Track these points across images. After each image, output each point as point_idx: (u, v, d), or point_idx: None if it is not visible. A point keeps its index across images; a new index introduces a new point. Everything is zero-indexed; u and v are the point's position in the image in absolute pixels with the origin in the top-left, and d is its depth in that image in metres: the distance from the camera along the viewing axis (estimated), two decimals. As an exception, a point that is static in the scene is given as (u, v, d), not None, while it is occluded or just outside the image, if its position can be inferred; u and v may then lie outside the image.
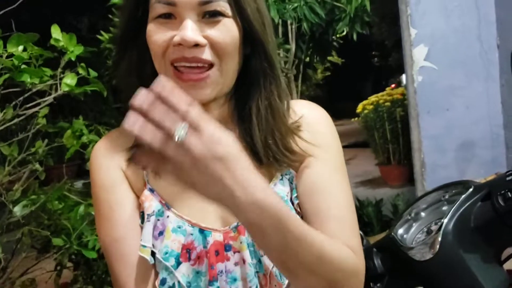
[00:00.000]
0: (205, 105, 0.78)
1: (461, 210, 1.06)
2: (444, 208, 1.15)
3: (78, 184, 2.86)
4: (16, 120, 1.85)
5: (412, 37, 2.82)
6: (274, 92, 0.80)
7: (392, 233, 1.19)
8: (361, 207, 3.73)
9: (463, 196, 1.07)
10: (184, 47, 0.72)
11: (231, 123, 0.83)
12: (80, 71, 1.72)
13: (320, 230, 0.74)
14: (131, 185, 0.84)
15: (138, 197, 0.84)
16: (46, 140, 1.86)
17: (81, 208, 2.08)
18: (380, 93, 6.44)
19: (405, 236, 1.18)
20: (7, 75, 1.41)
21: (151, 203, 0.81)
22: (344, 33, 2.84)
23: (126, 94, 0.77)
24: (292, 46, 2.24)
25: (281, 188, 0.83)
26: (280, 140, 0.80)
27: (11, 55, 1.54)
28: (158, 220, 0.80)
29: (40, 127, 2.00)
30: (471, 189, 1.08)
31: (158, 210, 0.81)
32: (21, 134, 2.04)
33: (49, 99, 1.67)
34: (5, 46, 1.45)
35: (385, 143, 6.30)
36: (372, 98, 6.38)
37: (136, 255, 0.79)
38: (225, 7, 0.73)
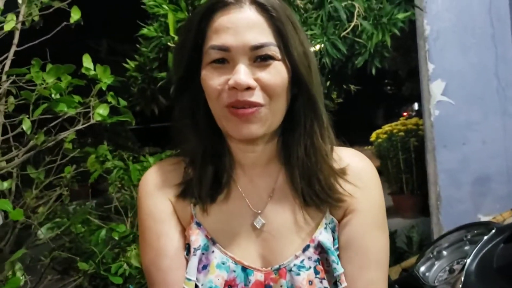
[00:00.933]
0: (253, 141, 0.83)
1: (483, 251, 1.09)
2: (466, 248, 1.18)
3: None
4: (45, 145, 1.92)
5: (430, 72, 2.88)
6: (316, 131, 0.84)
7: (415, 271, 1.21)
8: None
9: (485, 237, 1.11)
10: (237, 90, 0.77)
11: (278, 163, 0.87)
12: (110, 99, 1.78)
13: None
14: (178, 217, 0.88)
15: (184, 229, 0.88)
16: (74, 166, 1.91)
17: (103, 232, 2.12)
18: (394, 123, 6.47)
19: (427, 274, 1.21)
20: (45, 105, 1.47)
21: (198, 237, 0.85)
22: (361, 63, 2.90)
23: (181, 133, 0.83)
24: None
25: (326, 236, 0.85)
26: (323, 179, 0.83)
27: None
28: (203, 254, 0.85)
29: (67, 152, 2.07)
30: (493, 231, 1.11)
31: (204, 244, 0.85)
32: (48, 157, 2.10)
33: (79, 127, 1.73)
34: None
35: (398, 173, 6.30)
36: (386, 127, 6.42)
37: (180, 286, 0.83)
38: (275, 51, 0.78)
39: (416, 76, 2.97)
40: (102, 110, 1.57)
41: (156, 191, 0.88)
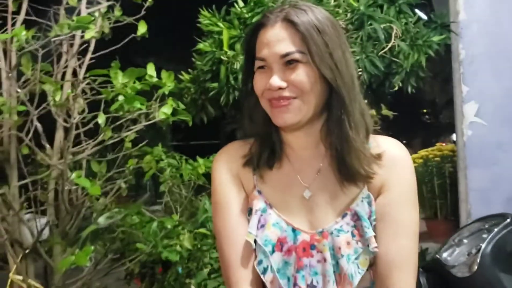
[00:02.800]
0: (294, 128, 1.03)
1: (498, 236, 1.24)
2: (484, 235, 1.33)
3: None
4: (110, 141, 2.16)
5: (464, 94, 3.02)
6: (344, 121, 1.01)
7: (437, 255, 1.37)
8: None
9: (501, 225, 1.26)
10: (272, 90, 0.99)
11: (323, 147, 1.06)
12: (171, 102, 2.02)
13: (382, 255, 0.99)
14: (243, 185, 1.10)
15: (247, 195, 1.09)
16: (136, 159, 2.14)
17: (154, 224, 2.34)
18: (430, 148, 6.54)
19: (448, 258, 1.37)
20: (122, 101, 1.71)
21: (258, 202, 1.06)
22: (396, 88, 3.07)
23: (247, 122, 1.08)
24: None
25: (362, 207, 1.03)
26: (355, 162, 1.01)
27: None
28: (262, 215, 1.05)
29: (127, 150, 2.31)
30: (508, 220, 1.27)
31: (263, 207, 1.06)
32: (110, 154, 2.35)
33: (144, 124, 1.97)
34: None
35: (433, 198, 6.33)
36: (422, 152, 6.48)
37: (243, 239, 1.03)
38: (300, 57, 0.98)
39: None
40: (167, 110, 1.80)
41: (227, 164, 1.11)
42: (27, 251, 1.81)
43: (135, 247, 2.34)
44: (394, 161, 1.04)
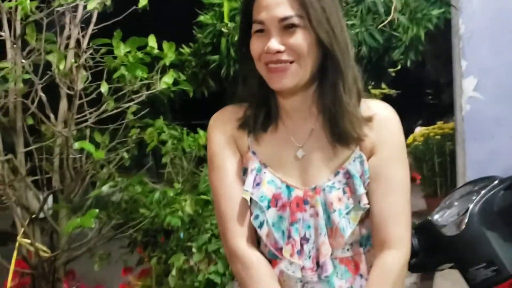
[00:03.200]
0: (290, 91, 1.07)
1: (486, 196, 1.29)
2: (473, 197, 1.38)
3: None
4: (113, 112, 2.21)
5: (463, 68, 3.04)
6: (339, 85, 1.05)
7: (429, 217, 1.42)
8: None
9: (489, 186, 1.31)
10: (270, 54, 1.02)
11: (316, 109, 1.10)
12: (172, 74, 2.06)
13: (376, 211, 1.05)
14: (238, 147, 1.14)
15: (242, 156, 1.13)
16: (138, 129, 2.19)
17: (157, 194, 2.39)
18: (431, 126, 6.58)
19: (439, 219, 1.41)
20: (123, 69, 1.75)
21: (253, 162, 1.11)
22: (399, 67, 3.09)
23: (242, 86, 1.12)
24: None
25: (354, 166, 1.07)
26: (347, 124, 1.05)
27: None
28: (257, 174, 1.10)
29: (129, 121, 2.36)
30: (496, 181, 1.31)
31: (257, 167, 1.10)
32: (112, 125, 2.39)
33: (146, 93, 2.01)
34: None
35: (433, 176, 6.39)
36: (423, 130, 6.53)
37: (239, 196, 1.08)
38: (299, 21, 1.01)
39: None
40: (168, 79, 1.84)
41: (222, 126, 1.14)
42: (33, 216, 1.88)
43: (138, 215, 2.40)
44: (384, 122, 1.09)
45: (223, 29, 2.49)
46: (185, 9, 2.97)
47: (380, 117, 1.09)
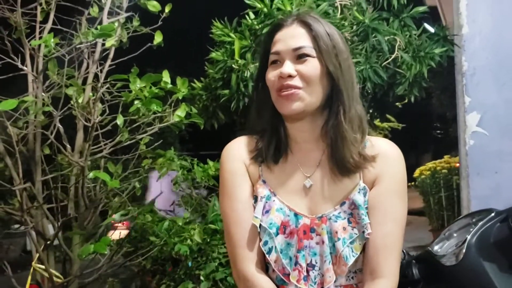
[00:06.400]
0: (301, 119, 1.15)
1: (483, 228, 1.35)
2: (471, 229, 1.44)
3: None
4: (126, 143, 2.30)
5: (466, 104, 3.12)
6: (342, 122, 1.14)
7: (429, 248, 1.48)
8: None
9: (486, 218, 1.37)
10: (283, 78, 1.11)
11: (323, 141, 1.18)
12: (184, 107, 2.15)
13: (370, 240, 1.11)
14: (249, 175, 1.21)
15: (253, 185, 1.20)
16: (150, 160, 2.27)
17: (166, 223, 2.46)
18: (438, 160, 6.61)
19: (439, 250, 1.48)
20: (140, 103, 1.85)
21: (263, 190, 1.18)
22: (406, 100, 3.18)
23: (255, 118, 1.21)
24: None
25: (359, 197, 1.14)
26: (351, 160, 1.12)
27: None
28: (267, 202, 1.17)
29: (141, 152, 2.45)
30: (492, 214, 1.38)
31: (267, 195, 1.17)
32: (125, 155, 2.48)
33: (158, 126, 2.11)
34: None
35: (440, 210, 6.39)
36: (430, 164, 6.56)
37: (249, 223, 1.14)
38: (311, 51, 1.12)
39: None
40: (180, 113, 1.94)
41: (235, 156, 1.22)
42: (48, 242, 1.95)
43: (147, 244, 2.47)
44: (386, 158, 1.17)
45: (233, 65, 2.60)
46: (197, 46, 3.10)
47: (383, 153, 1.17)
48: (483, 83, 3.09)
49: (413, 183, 6.93)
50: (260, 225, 1.14)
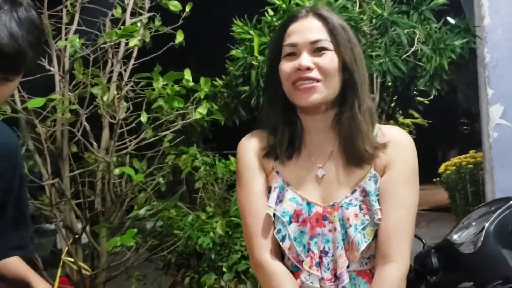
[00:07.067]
0: (315, 110, 1.18)
1: (501, 216, 1.36)
2: (490, 217, 1.44)
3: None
4: (150, 140, 2.37)
5: (489, 96, 3.09)
6: (357, 113, 1.16)
7: (448, 237, 1.49)
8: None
9: (504, 206, 1.38)
10: (301, 71, 1.14)
11: (335, 132, 1.21)
12: (206, 105, 2.21)
13: (382, 226, 1.13)
14: (263, 167, 1.24)
15: (267, 175, 1.24)
16: (174, 155, 2.33)
17: (190, 217, 2.52)
18: (463, 155, 6.54)
19: (457, 239, 1.48)
20: (162, 101, 1.91)
21: (277, 181, 1.21)
22: (432, 96, 3.16)
23: (267, 112, 1.22)
24: (376, 96, 2.63)
25: (369, 184, 1.17)
26: (363, 149, 1.15)
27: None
28: (280, 192, 1.20)
29: (165, 149, 2.51)
30: (511, 202, 1.38)
31: (280, 185, 1.21)
32: (149, 151, 2.55)
33: (181, 123, 2.16)
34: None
35: (466, 205, 6.32)
36: (455, 160, 6.50)
37: (264, 212, 1.18)
38: (328, 45, 1.14)
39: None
40: (202, 110, 1.99)
41: (250, 150, 1.25)
42: (77, 236, 2.02)
43: (172, 238, 2.53)
44: (396, 145, 1.19)
45: (253, 62, 2.64)
46: (217, 44, 3.15)
47: (394, 140, 1.19)
48: (506, 75, 3.06)
49: (438, 178, 6.86)
50: (274, 214, 1.17)
